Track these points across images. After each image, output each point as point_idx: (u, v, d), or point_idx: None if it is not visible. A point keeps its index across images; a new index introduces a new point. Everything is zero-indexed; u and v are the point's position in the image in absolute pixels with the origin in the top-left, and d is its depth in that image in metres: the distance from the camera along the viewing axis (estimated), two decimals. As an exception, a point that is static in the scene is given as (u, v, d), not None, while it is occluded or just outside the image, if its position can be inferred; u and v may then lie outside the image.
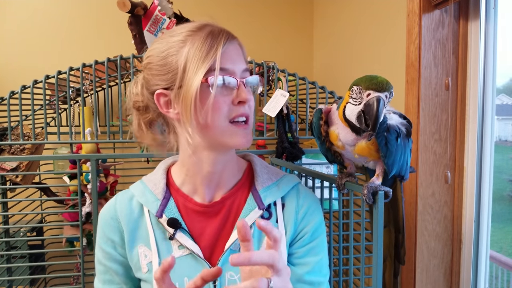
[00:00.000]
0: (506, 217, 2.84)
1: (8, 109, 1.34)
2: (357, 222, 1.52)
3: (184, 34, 0.73)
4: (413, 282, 1.31)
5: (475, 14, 1.22)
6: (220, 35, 0.72)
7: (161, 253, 0.78)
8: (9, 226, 1.48)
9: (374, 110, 0.70)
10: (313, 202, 0.86)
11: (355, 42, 1.77)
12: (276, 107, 1.36)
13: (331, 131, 0.83)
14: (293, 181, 0.86)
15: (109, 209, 0.84)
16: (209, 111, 0.71)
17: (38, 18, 1.99)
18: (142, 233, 0.80)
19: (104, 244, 0.82)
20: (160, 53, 0.74)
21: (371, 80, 0.72)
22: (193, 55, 0.70)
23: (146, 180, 0.85)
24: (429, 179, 1.30)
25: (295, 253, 0.83)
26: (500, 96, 1.34)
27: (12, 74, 1.96)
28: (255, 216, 0.78)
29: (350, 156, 0.85)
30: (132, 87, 0.83)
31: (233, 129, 0.74)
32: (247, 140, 0.76)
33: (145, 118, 0.83)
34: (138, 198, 0.81)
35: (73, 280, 1.73)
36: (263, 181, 0.83)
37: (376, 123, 0.70)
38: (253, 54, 1.98)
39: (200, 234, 0.79)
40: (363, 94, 0.72)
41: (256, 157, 0.89)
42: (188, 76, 0.70)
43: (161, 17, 1.53)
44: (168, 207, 0.79)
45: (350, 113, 0.75)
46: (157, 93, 0.75)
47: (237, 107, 0.73)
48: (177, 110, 0.74)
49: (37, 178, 1.80)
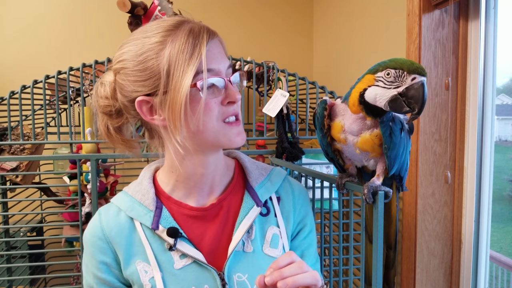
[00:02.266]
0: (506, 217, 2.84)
1: (8, 109, 1.34)
2: (357, 222, 1.52)
3: (162, 34, 0.67)
4: (413, 282, 1.31)
5: (475, 14, 1.22)
6: (201, 33, 0.67)
7: (162, 266, 0.73)
8: (9, 226, 1.48)
9: (422, 94, 0.70)
10: (305, 192, 0.88)
11: (355, 42, 1.77)
12: (276, 107, 1.36)
13: (335, 123, 0.82)
14: (283, 173, 0.86)
15: (94, 230, 0.76)
16: (200, 116, 0.67)
17: (38, 18, 1.99)
18: (137, 248, 0.75)
19: (96, 270, 0.75)
20: (135, 56, 0.68)
21: (412, 64, 0.71)
22: (176, 58, 0.65)
23: (131, 191, 0.79)
24: (429, 179, 1.30)
25: (299, 246, 0.83)
26: (500, 96, 1.34)
27: (12, 74, 1.96)
28: (254, 214, 0.77)
29: (350, 153, 0.84)
30: (98, 89, 0.76)
31: (227, 129, 0.71)
32: (242, 137, 0.73)
33: (116, 123, 0.76)
34: (127, 213, 0.76)
35: (73, 280, 1.73)
36: (256, 177, 0.82)
37: (423, 107, 0.71)
38: (253, 54, 1.98)
39: (201, 240, 0.76)
40: (406, 77, 0.71)
41: (242, 153, 0.87)
42: (174, 81, 0.65)
43: (161, 17, 1.53)
44: (163, 217, 0.75)
45: (378, 96, 0.73)
46: (138, 100, 0.69)
47: (227, 107, 0.71)
48: (162, 116, 0.68)
49: (37, 178, 1.80)
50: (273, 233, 0.79)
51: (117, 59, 0.72)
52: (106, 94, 0.74)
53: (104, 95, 0.75)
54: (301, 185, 0.89)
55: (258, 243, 0.77)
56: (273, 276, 0.59)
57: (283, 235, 0.80)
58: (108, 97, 0.74)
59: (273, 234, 0.79)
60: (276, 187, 0.83)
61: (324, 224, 1.26)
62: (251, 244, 0.77)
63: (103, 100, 0.75)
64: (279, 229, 0.80)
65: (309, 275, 0.60)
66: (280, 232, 0.80)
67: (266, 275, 0.60)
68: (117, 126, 0.77)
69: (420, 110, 0.71)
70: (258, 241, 0.77)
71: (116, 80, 0.73)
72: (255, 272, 0.74)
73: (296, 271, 0.60)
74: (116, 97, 0.74)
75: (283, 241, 0.80)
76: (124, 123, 0.77)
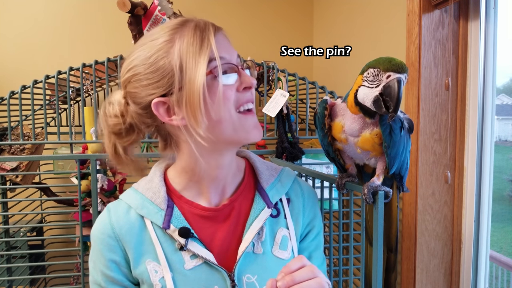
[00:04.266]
0: (506, 217, 2.84)
1: (8, 109, 1.34)
2: (357, 222, 1.52)
3: (169, 33, 0.68)
4: (413, 282, 1.31)
5: (475, 14, 1.22)
6: (207, 26, 0.68)
7: (173, 266, 0.72)
8: (9, 226, 1.48)
9: (396, 91, 0.69)
10: (314, 193, 0.87)
11: (355, 42, 1.77)
12: (276, 107, 1.36)
13: (336, 123, 0.83)
14: (293, 174, 0.86)
15: (104, 226, 0.75)
16: (220, 103, 0.66)
17: (38, 18, 1.99)
18: (147, 247, 0.73)
19: (104, 268, 0.74)
20: (146, 59, 0.67)
21: (389, 61, 0.71)
22: (187, 51, 0.65)
23: (141, 188, 0.77)
24: (429, 179, 1.30)
25: (307, 248, 0.83)
26: (500, 96, 1.34)
27: (12, 74, 1.96)
28: (265, 215, 0.77)
29: (351, 152, 0.84)
30: (106, 109, 0.75)
31: (243, 120, 0.70)
32: (259, 130, 0.71)
33: (125, 141, 0.75)
34: (137, 211, 0.74)
35: (73, 280, 1.73)
36: (267, 178, 0.81)
37: (398, 105, 0.70)
38: (253, 54, 1.98)
39: (211, 240, 0.75)
40: (382, 76, 0.71)
41: (252, 153, 0.87)
42: (188, 74, 0.65)
43: (161, 17, 1.53)
44: (174, 216, 0.74)
45: (365, 96, 0.73)
46: (154, 102, 0.67)
47: (243, 93, 0.70)
48: (181, 115, 0.67)
49: (37, 178, 1.80)
50: (282, 235, 0.79)
51: (125, 69, 0.71)
52: (115, 112, 0.73)
53: (113, 113, 0.74)
54: (310, 186, 0.88)
55: (268, 245, 0.77)
56: (285, 281, 0.59)
57: (292, 237, 0.80)
58: (117, 115, 0.73)
59: (282, 236, 0.79)
60: (287, 189, 0.82)
61: (324, 224, 1.26)
62: (261, 245, 0.76)
63: (112, 119, 0.74)
64: (288, 231, 0.80)
65: (315, 282, 0.60)
66: (289, 234, 0.80)
67: (278, 280, 0.60)
68: (125, 145, 0.75)
69: (396, 108, 0.70)
70: (268, 243, 0.77)
71: (127, 92, 0.72)
72: (265, 274, 0.74)
73: (307, 276, 0.60)
74: (126, 113, 0.73)
75: (292, 243, 0.79)
76: (133, 142, 0.76)
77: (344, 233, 1.52)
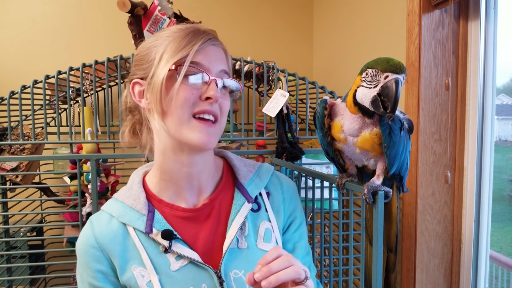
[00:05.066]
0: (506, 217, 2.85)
1: (8, 109, 1.34)
2: (357, 222, 1.52)
3: (172, 31, 0.75)
4: (413, 282, 1.31)
5: (475, 14, 1.22)
6: (202, 34, 0.73)
7: (159, 269, 0.74)
8: (9, 226, 1.48)
9: (394, 92, 0.69)
10: (293, 186, 0.89)
11: (355, 42, 1.77)
12: (276, 107, 1.36)
13: (335, 123, 0.83)
14: (271, 169, 0.88)
15: (87, 238, 0.76)
16: (173, 99, 0.70)
17: (38, 19, 1.99)
18: (132, 253, 0.75)
19: (92, 279, 0.75)
20: (146, 45, 0.77)
21: (387, 62, 0.71)
22: (171, 47, 0.71)
23: (121, 197, 0.80)
24: (429, 179, 1.30)
25: (291, 239, 0.84)
26: (500, 96, 1.34)
27: (12, 74, 1.96)
28: (246, 210, 0.79)
29: (351, 152, 0.84)
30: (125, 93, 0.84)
31: (194, 124, 0.71)
32: (209, 139, 0.72)
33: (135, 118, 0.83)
34: (119, 219, 0.76)
35: (73, 280, 1.73)
36: (245, 174, 0.84)
37: (395, 105, 0.70)
38: (253, 54, 1.98)
39: (195, 240, 0.77)
40: (380, 76, 0.71)
41: (229, 152, 0.89)
42: (160, 66, 0.71)
43: (161, 17, 1.53)
44: (156, 220, 0.76)
45: (364, 96, 0.74)
46: (133, 81, 0.76)
47: (203, 103, 0.72)
48: (148, 100, 0.74)
49: (37, 178, 1.80)
50: (265, 228, 0.81)
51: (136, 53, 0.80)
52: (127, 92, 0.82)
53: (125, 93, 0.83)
54: (288, 179, 0.90)
55: (252, 238, 0.78)
56: (262, 272, 0.60)
57: (275, 229, 0.82)
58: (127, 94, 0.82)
59: (265, 229, 0.81)
60: (265, 183, 0.84)
61: (324, 224, 1.26)
62: (245, 240, 0.78)
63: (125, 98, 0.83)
64: (270, 223, 0.82)
65: (292, 270, 0.61)
66: (272, 227, 0.82)
67: (256, 271, 0.61)
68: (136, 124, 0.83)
69: (393, 109, 0.70)
70: (252, 237, 0.79)
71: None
72: (251, 268, 0.74)
73: (284, 265, 0.61)
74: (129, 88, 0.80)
75: (275, 235, 0.81)
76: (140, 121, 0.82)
77: (344, 233, 1.52)
